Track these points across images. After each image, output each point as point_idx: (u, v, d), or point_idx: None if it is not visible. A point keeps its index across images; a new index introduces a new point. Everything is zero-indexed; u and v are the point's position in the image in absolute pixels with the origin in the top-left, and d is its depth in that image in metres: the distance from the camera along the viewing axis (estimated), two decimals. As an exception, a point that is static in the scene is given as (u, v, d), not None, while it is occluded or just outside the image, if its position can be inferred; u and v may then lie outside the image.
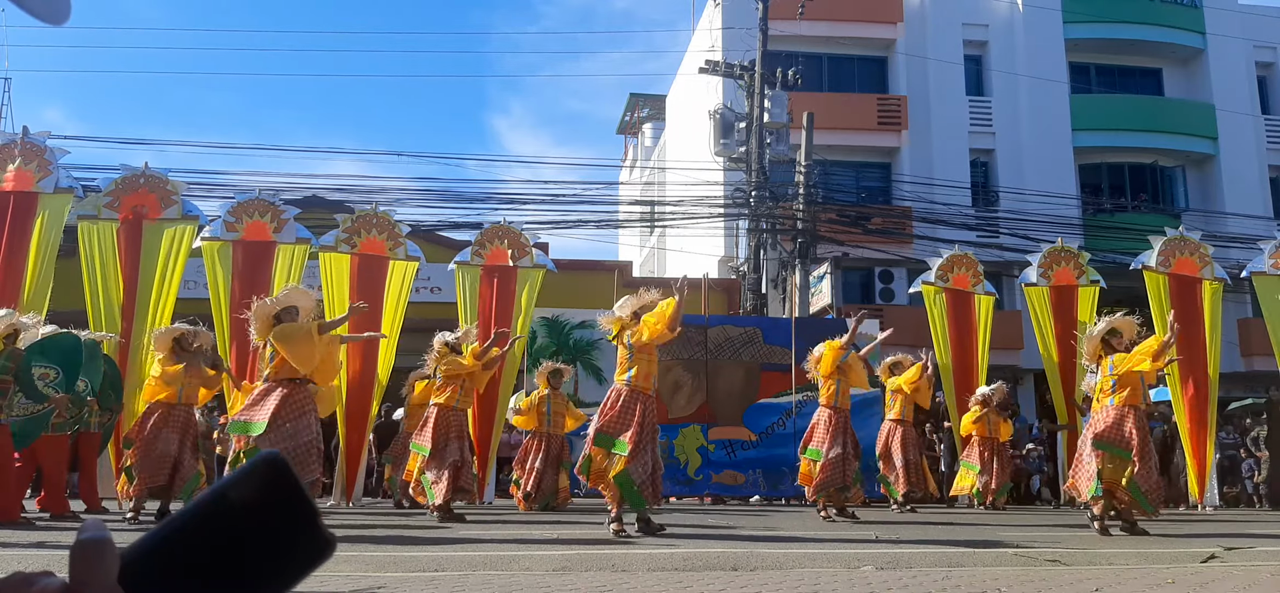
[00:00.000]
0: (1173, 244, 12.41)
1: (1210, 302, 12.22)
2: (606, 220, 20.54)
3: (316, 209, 14.24)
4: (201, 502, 0.53)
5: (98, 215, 10.67)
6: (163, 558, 0.52)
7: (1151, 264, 12.25)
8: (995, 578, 4.41)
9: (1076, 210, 21.68)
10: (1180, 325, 11.49)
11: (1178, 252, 12.37)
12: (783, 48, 20.01)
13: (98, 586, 0.50)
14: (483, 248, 12.09)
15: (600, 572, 4.59)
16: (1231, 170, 23.05)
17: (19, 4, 1.29)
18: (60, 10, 1.36)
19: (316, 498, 10.08)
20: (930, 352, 12.00)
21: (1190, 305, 12.01)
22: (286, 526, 0.53)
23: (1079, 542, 6.64)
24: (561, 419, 10.69)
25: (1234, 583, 4.33)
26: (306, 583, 0.53)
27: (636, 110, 32.34)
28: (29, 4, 1.33)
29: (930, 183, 20.10)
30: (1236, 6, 24.20)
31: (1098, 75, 24.39)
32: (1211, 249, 12.80)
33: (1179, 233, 12.65)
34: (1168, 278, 12.21)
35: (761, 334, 14.24)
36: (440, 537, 6.84)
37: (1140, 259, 12.42)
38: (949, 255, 13.77)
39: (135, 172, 10.95)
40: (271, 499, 0.53)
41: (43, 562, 4.79)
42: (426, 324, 13.11)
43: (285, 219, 11.27)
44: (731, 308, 18.29)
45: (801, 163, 17.73)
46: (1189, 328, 11.72)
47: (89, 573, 0.50)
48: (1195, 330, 11.88)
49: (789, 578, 4.33)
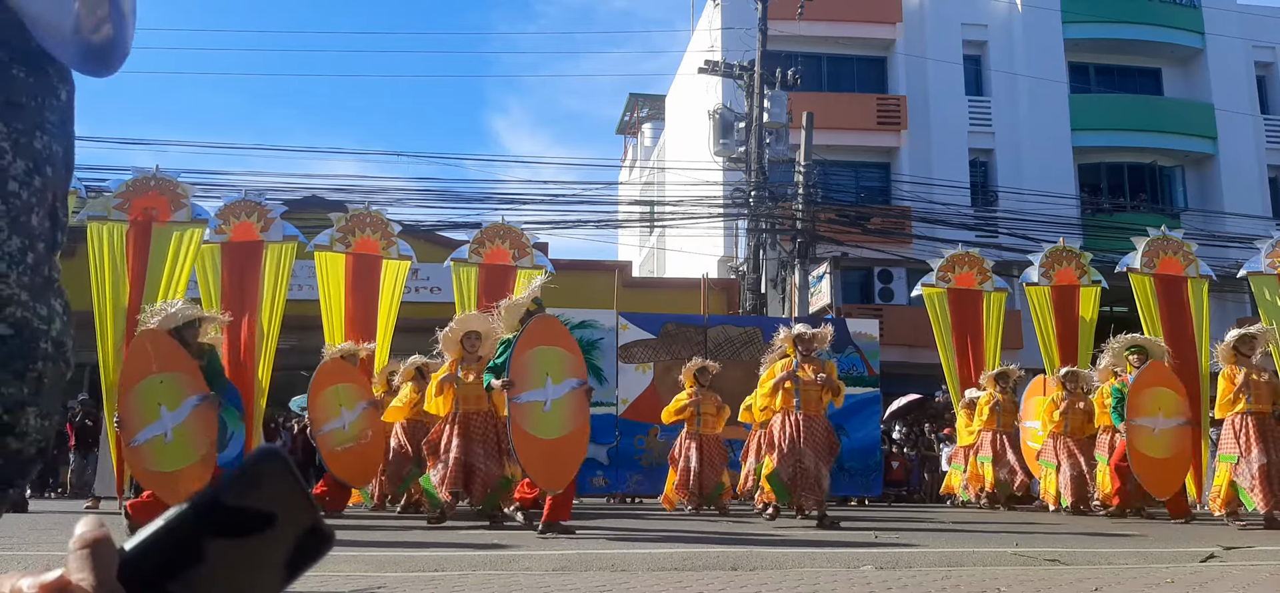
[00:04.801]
0: (1156, 244, 12.31)
1: (1196, 300, 12.17)
2: (606, 220, 20.55)
3: (316, 209, 14.25)
4: (201, 498, 0.53)
5: (108, 216, 10.66)
6: (163, 555, 0.52)
7: (1136, 266, 12.18)
8: (995, 578, 4.40)
9: (1076, 210, 21.71)
10: (1167, 326, 11.63)
11: (1162, 251, 12.27)
12: (782, 48, 20.02)
13: (98, 584, 0.50)
14: (481, 246, 12.09)
15: (600, 572, 4.59)
16: (1231, 170, 23.07)
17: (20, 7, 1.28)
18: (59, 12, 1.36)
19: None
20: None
21: (1177, 305, 11.97)
22: (285, 520, 0.53)
23: (1079, 542, 6.65)
24: (711, 420, 10.45)
25: (1233, 583, 4.32)
26: (306, 581, 0.53)
27: (636, 110, 32.35)
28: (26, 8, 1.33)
29: (929, 183, 20.11)
30: (1236, 6, 24.22)
31: (1097, 75, 24.41)
32: (1208, 248, 12.77)
33: (1161, 232, 12.54)
34: (1153, 279, 12.14)
35: (761, 334, 14.24)
36: (440, 537, 6.84)
37: (1125, 262, 12.35)
38: (950, 255, 13.69)
39: (146, 174, 10.94)
40: (270, 495, 0.53)
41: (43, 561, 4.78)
42: (426, 324, 13.12)
43: (272, 218, 11.27)
44: (731, 308, 18.29)
45: (801, 163, 17.73)
46: (1178, 327, 11.71)
47: (89, 571, 0.50)
48: (1184, 329, 11.85)
49: (788, 578, 4.33)
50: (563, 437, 6.98)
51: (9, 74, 1.23)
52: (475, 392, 7.63)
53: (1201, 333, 11.97)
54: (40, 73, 1.27)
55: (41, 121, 1.26)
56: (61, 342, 1.30)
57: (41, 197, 1.26)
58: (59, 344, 1.29)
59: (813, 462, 7.95)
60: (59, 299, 1.30)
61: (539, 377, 6.94)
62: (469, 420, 7.65)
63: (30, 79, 1.26)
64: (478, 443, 7.62)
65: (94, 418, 12.58)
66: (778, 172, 18.46)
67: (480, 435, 7.65)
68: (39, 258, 1.25)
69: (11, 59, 1.24)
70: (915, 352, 18.06)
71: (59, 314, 1.29)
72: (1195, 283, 12.22)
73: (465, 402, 7.67)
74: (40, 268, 1.26)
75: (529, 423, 6.88)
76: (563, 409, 6.99)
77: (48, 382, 1.27)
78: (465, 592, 3.92)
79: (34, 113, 1.25)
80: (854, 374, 13.99)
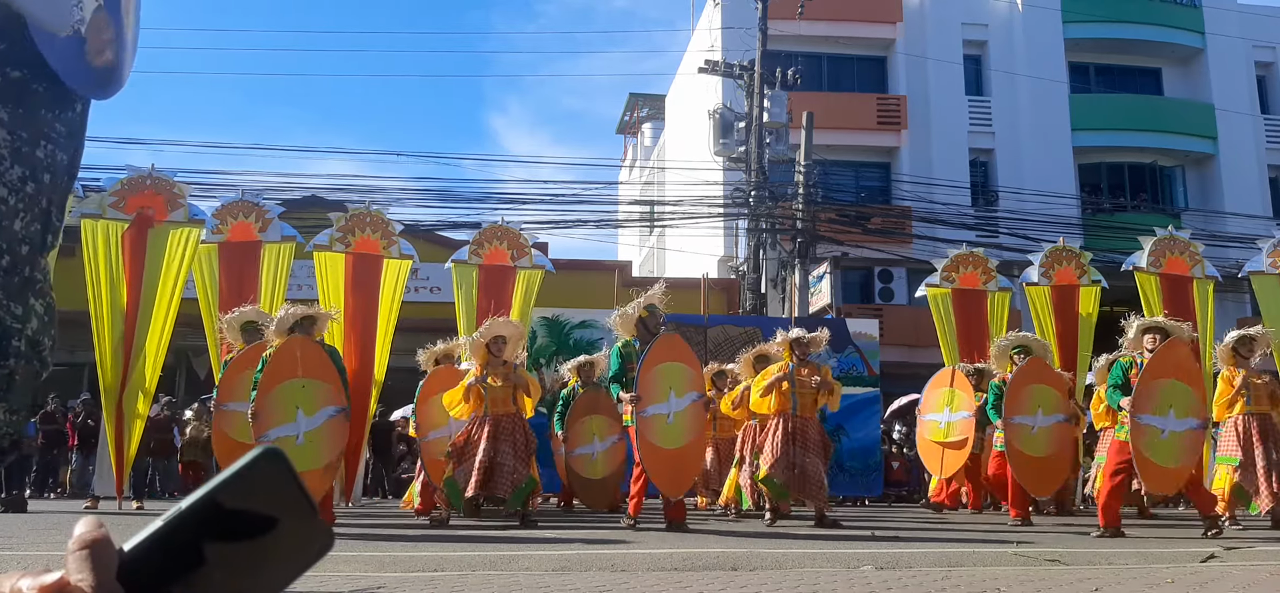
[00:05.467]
0: (1163, 244, 12.35)
1: (1201, 301, 12.19)
2: (606, 220, 20.55)
3: (315, 209, 14.24)
4: (201, 498, 0.53)
5: (102, 214, 10.60)
6: (162, 555, 0.52)
7: (1142, 265, 12.21)
8: (995, 578, 4.40)
9: (1076, 210, 21.70)
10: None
11: (1168, 251, 12.32)
12: (782, 47, 20.01)
13: (97, 585, 0.50)
14: (481, 247, 12.08)
15: (600, 572, 4.59)
16: (1231, 170, 23.07)
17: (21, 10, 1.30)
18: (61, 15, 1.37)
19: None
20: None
21: (1183, 305, 11.98)
22: (285, 521, 0.53)
23: (1078, 542, 6.65)
24: (726, 422, 10.21)
25: (1233, 583, 4.32)
26: (306, 581, 0.53)
27: (636, 110, 32.36)
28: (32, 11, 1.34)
29: (930, 183, 20.12)
30: (1236, 6, 24.22)
31: (1097, 75, 24.41)
32: (1209, 248, 12.77)
33: (1168, 232, 12.57)
34: (1159, 278, 12.17)
35: (761, 334, 14.23)
36: (440, 537, 6.85)
37: (1131, 260, 12.38)
38: (955, 255, 13.61)
39: (141, 172, 10.91)
40: (269, 495, 0.53)
41: (43, 561, 4.78)
42: (426, 324, 13.12)
43: (270, 218, 11.25)
44: (731, 308, 18.29)
45: (801, 163, 17.73)
46: None
47: (89, 572, 0.50)
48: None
49: (788, 578, 4.33)
50: (684, 446, 7.63)
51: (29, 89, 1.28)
52: (503, 394, 7.91)
53: (1206, 334, 11.98)
54: (57, 86, 1.31)
55: (50, 132, 1.30)
56: (37, 341, 1.31)
57: (32, 202, 1.28)
58: (34, 344, 1.30)
59: (815, 465, 8.01)
60: (40, 300, 1.32)
61: (663, 391, 7.52)
62: (498, 423, 7.85)
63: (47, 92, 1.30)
64: (506, 444, 7.82)
65: (95, 418, 12.56)
66: (778, 171, 18.46)
67: (509, 436, 7.86)
68: (18, 260, 1.27)
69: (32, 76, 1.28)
70: (915, 352, 18.04)
71: (37, 314, 1.31)
72: (1201, 283, 12.25)
73: (494, 405, 7.88)
74: (19, 269, 1.27)
75: (655, 435, 7.47)
76: (684, 420, 7.60)
77: (19, 380, 1.29)
78: (465, 592, 3.91)
79: (44, 123, 1.29)
80: (854, 374, 13.98)
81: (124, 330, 10.39)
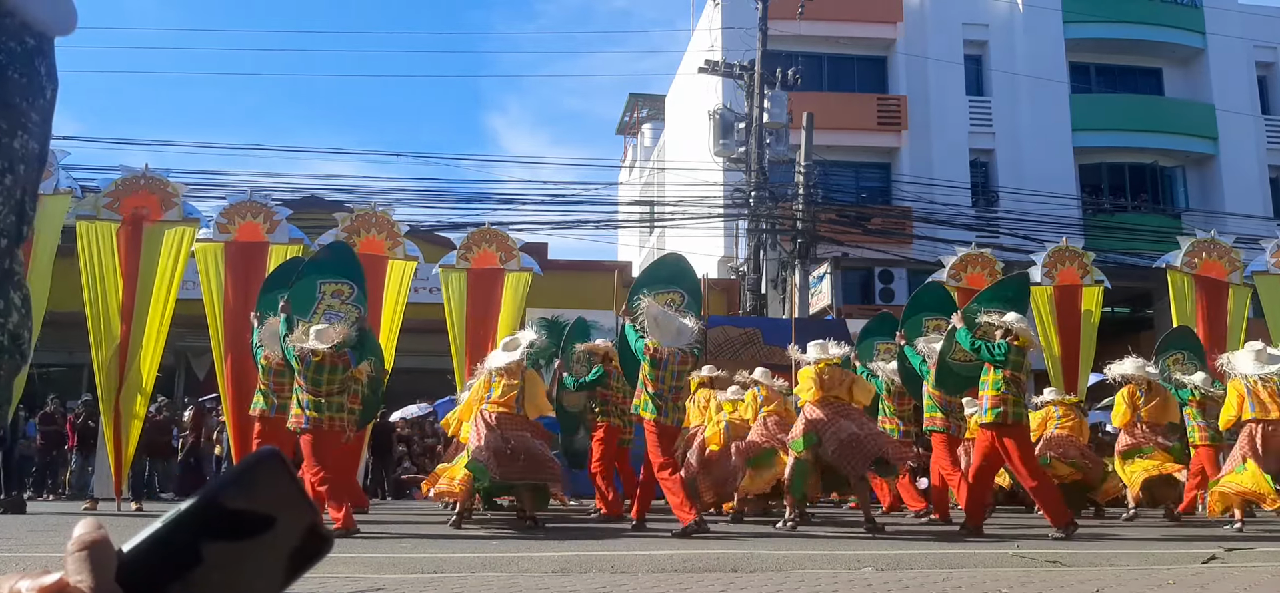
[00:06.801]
0: (1201, 245, 12.52)
1: (1236, 306, 12.29)
2: (606, 221, 20.53)
3: (315, 209, 14.22)
4: (199, 500, 0.52)
5: (97, 215, 10.59)
6: (161, 558, 0.51)
7: (1177, 264, 12.32)
8: (995, 579, 4.40)
9: (1076, 210, 21.68)
10: (1205, 326, 11.66)
11: (1207, 254, 12.46)
12: (782, 48, 20.00)
13: (96, 586, 0.50)
14: (469, 251, 12.09)
15: (600, 573, 4.59)
16: (1231, 170, 23.06)
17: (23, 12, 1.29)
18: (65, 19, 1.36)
19: None
20: None
21: (1217, 309, 12.10)
22: (283, 521, 0.52)
23: (1079, 542, 6.64)
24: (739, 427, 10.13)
25: (1234, 583, 4.32)
26: (306, 582, 0.53)
27: (636, 110, 32.35)
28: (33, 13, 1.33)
29: (930, 183, 20.10)
30: (1236, 6, 24.20)
31: (1098, 75, 24.40)
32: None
33: (1211, 235, 12.81)
34: (1194, 279, 12.25)
35: (761, 335, 14.22)
36: (440, 537, 6.85)
37: (1165, 258, 12.52)
38: (963, 254, 13.56)
39: (135, 173, 10.89)
40: (269, 497, 0.53)
41: (42, 563, 4.79)
42: (426, 325, 13.10)
43: (278, 220, 11.23)
44: (731, 308, 18.28)
45: (801, 163, 17.72)
46: (1214, 331, 11.89)
47: (88, 573, 0.50)
48: (1219, 334, 11.97)
49: (789, 579, 4.32)
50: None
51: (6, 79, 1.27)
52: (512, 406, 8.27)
53: (1239, 341, 12.05)
54: (32, 73, 1.29)
55: (25, 122, 1.29)
56: (18, 335, 1.31)
57: (9, 194, 1.27)
58: (15, 337, 1.30)
59: (857, 426, 7.92)
60: (18, 292, 1.31)
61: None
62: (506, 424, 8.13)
63: (22, 80, 1.29)
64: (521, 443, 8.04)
65: (95, 420, 12.55)
66: (778, 172, 18.45)
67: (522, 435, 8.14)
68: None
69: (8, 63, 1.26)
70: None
71: (16, 307, 1.30)
72: (1238, 290, 12.34)
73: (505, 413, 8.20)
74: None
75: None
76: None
77: (2, 374, 1.28)
78: (465, 592, 3.91)
79: (20, 113, 1.27)
80: (854, 375, 13.95)
81: (121, 331, 10.38)
